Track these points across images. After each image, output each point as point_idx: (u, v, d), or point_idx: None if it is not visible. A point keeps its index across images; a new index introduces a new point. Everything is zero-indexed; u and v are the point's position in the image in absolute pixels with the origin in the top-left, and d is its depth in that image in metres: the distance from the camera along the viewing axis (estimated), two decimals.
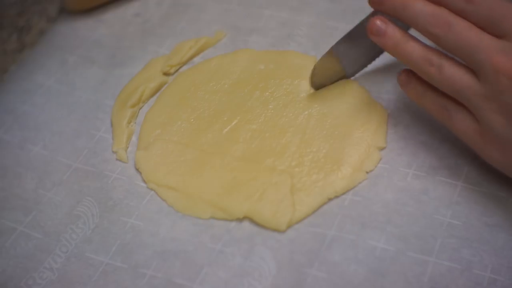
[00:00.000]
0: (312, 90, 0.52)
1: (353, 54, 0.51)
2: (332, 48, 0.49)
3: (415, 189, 0.45)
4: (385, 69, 0.53)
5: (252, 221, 0.45)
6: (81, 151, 0.51)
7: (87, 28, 0.61)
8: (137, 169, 0.49)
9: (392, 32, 0.43)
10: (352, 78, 0.53)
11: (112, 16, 0.62)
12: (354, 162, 0.47)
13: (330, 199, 0.45)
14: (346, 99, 0.51)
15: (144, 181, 0.48)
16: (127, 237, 0.45)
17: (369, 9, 0.46)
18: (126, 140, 0.51)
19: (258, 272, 0.42)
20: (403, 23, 0.43)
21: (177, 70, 0.56)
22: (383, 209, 0.45)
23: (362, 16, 0.47)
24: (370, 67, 0.53)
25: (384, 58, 0.54)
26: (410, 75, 0.45)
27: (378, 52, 0.51)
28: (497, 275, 0.41)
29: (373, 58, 0.52)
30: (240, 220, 0.45)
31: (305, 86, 0.52)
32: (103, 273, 0.44)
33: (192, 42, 0.57)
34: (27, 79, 0.57)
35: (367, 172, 0.47)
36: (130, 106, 0.53)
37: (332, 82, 0.52)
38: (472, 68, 0.41)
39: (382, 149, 0.48)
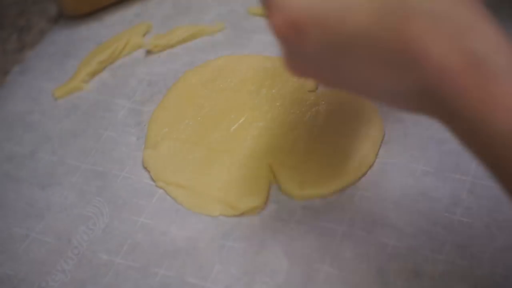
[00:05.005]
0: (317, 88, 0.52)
1: None
2: None
3: (424, 186, 0.45)
4: None
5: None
6: (89, 152, 0.51)
7: (87, 28, 0.61)
8: (145, 168, 0.49)
9: None
10: None
11: (112, 16, 0.62)
12: (361, 157, 0.47)
13: (338, 192, 0.46)
14: (352, 96, 0.51)
15: (153, 180, 0.48)
16: (138, 236, 0.45)
17: None
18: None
19: (270, 268, 0.42)
20: None
21: (161, 51, 0.57)
22: (393, 205, 0.45)
23: None
24: None
25: None
26: None
27: None
28: (509, 272, 0.41)
29: None
30: (250, 216, 0.45)
31: (312, 83, 0.52)
32: (115, 273, 0.44)
33: (189, 27, 0.58)
34: (32, 84, 0.57)
35: (374, 166, 0.47)
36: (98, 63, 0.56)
37: None
38: None
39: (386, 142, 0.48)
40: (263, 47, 0.57)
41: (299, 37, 0.31)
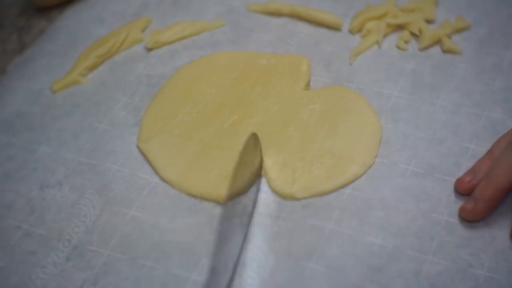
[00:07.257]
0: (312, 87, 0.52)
1: None
2: None
3: (413, 186, 0.46)
4: (387, 67, 0.54)
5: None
6: (83, 145, 0.51)
7: (87, 27, 0.61)
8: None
9: None
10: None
11: (112, 15, 0.62)
12: (354, 157, 0.47)
13: (330, 192, 0.46)
14: (347, 95, 0.51)
15: (145, 173, 0.49)
16: (127, 229, 0.46)
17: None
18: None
19: (256, 263, 0.43)
20: None
21: (160, 47, 0.58)
22: (381, 205, 0.45)
23: None
24: (371, 65, 0.54)
25: (386, 57, 0.55)
26: None
27: None
28: (494, 274, 0.41)
29: None
30: None
31: (307, 81, 0.52)
32: (104, 265, 0.44)
33: (188, 23, 0.58)
34: (31, 79, 0.57)
35: (366, 167, 0.47)
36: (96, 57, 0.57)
37: None
38: None
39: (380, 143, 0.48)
40: (261, 44, 0.57)
41: None
